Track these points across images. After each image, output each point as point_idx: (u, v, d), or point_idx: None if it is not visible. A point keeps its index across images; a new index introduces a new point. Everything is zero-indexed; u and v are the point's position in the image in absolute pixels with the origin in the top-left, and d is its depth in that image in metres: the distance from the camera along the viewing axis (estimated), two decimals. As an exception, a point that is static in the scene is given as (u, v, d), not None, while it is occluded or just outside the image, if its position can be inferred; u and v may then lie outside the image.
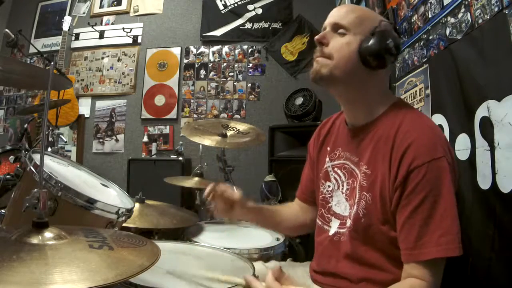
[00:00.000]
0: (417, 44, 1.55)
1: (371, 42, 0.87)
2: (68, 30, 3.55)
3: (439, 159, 0.79)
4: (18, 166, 1.08)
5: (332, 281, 0.94)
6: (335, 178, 1.01)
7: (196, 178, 1.95)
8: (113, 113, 3.81)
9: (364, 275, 0.88)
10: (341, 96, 0.98)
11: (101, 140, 3.80)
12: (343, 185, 0.98)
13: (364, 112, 0.95)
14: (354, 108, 0.98)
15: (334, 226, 0.98)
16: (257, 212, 1.13)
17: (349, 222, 0.92)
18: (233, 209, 1.08)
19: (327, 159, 1.05)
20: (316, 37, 0.93)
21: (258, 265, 1.13)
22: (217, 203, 1.07)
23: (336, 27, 0.92)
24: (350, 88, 0.93)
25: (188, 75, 3.74)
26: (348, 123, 1.01)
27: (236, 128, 1.93)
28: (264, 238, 1.53)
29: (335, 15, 0.94)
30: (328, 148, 1.06)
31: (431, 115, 1.39)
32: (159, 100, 3.73)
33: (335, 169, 1.01)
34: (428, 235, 0.77)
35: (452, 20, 1.25)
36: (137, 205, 1.46)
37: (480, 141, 1.07)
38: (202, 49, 3.74)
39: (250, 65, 3.64)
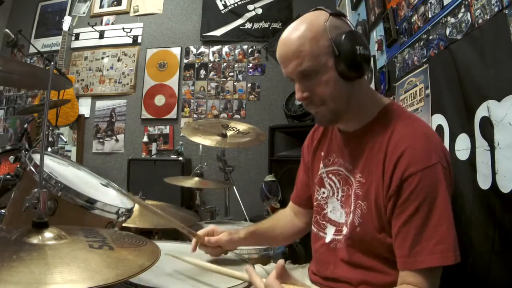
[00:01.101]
0: (417, 44, 1.55)
1: (345, 62, 0.81)
2: (68, 30, 3.55)
3: (433, 166, 0.78)
4: (18, 166, 1.08)
5: (333, 284, 0.94)
6: (329, 185, 0.99)
7: (196, 178, 1.95)
8: (113, 113, 3.81)
9: (363, 278, 0.88)
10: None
11: (101, 140, 3.80)
12: (338, 192, 0.96)
13: (354, 120, 0.92)
14: (347, 123, 0.94)
15: (329, 233, 0.97)
16: (250, 238, 1.11)
17: (345, 230, 0.91)
18: (223, 248, 1.08)
19: (321, 165, 1.03)
20: (298, 98, 0.89)
21: (257, 268, 1.13)
22: (205, 250, 1.07)
23: (302, 74, 0.85)
24: (349, 108, 0.89)
25: (188, 75, 3.74)
26: (340, 129, 0.99)
27: (236, 128, 1.93)
28: (264, 238, 1.52)
29: (291, 63, 0.84)
30: (322, 153, 1.04)
31: (431, 115, 1.39)
32: (159, 100, 3.73)
33: (330, 175, 1.00)
34: (423, 243, 0.76)
35: (452, 20, 1.25)
36: (137, 205, 1.46)
37: (480, 141, 1.07)
38: (202, 49, 3.74)
39: (250, 65, 3.64)
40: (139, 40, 3.85)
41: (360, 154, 0.90)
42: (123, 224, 1.12)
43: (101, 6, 4.02)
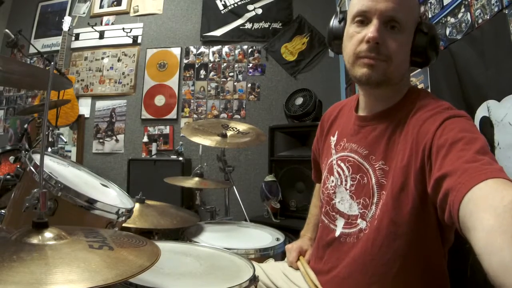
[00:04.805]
0: (417, 44, 1.55)
1: (425, 43, 0.83)
2: (68, 30, 3.55)
3: (458, 117, 0.73)
4: (18, 166, 1.08)
5: (339, 282, 0.90)
6: (338, 172, 0.95)
7: (196, 178, 1.95)
8: (113, 113, 3.81)
9: (372, 281, 0.83)
10: (376, 93, 0.90)
11: (101, 140, 3.80)
12: (346, 181, 0.91)
13: (386, 101, 0.89)
14: (378, 100, 0.90)
15: (339, 225, 0.92)
16: (316, 230, 1.11)
17: (363, 224, 0.85)
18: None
19: (333, 151, 1.00)
20: (372, 35, 0.79)
21: (256, 266, 1.13)
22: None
23: (390, 21, 0.81)
24: (393, 87, 0.87)
25: (188, 75, 3.74)
26: (361, 110, 0.95)
27: (236, 128, 1.93)
28: (264, 238, 1.52)
29: (389, 4, 0.80)
30: (334, 139, 1.01)
31: (431, 115, 1.38)
32: (159, 100, 3.73)
33: (339, 162, 0.95)
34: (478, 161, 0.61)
35: (452, 20, 1.25)
36: (137, 205, 1.46)
37: (480, 141, 1.07)
38: (202, 49, 3.74)
39: (250, 65, 3.64)
40: (139, 40, 3.86)
41: (380, 139, 0.86)
42: (123, 224, 1.11)
43: (101, 6, 4.02)
